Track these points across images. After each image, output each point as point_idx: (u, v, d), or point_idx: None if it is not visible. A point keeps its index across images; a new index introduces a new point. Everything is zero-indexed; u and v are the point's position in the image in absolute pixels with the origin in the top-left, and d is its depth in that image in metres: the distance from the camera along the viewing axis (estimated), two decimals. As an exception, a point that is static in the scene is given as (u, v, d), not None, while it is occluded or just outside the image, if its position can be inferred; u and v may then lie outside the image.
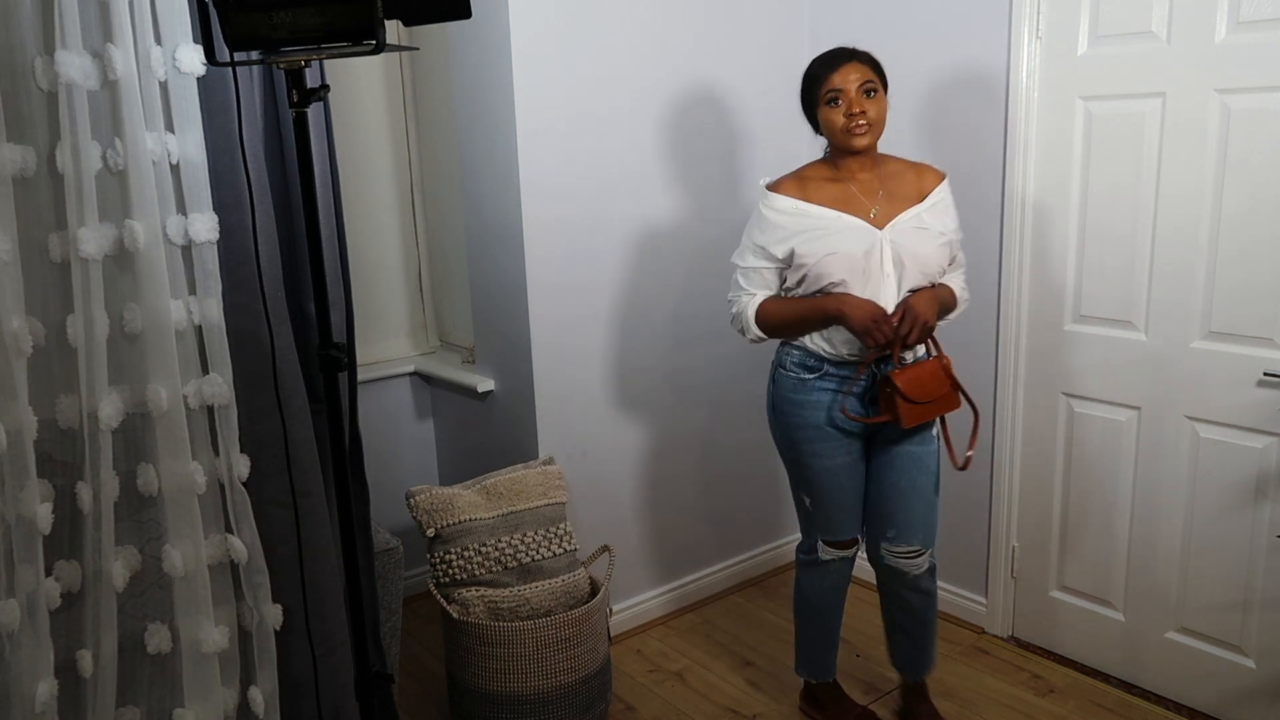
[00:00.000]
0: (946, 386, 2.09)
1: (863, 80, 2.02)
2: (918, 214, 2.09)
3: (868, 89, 2.03)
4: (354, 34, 1.37)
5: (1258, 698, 2.36)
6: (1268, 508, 2.28)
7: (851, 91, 2.02)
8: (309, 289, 1.97)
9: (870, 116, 2.03)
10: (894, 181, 2.13)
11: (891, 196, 2.11)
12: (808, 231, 2.06)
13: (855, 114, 2.01)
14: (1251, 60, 2.16)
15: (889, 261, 2.06)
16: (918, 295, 2.06)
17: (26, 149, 1.63)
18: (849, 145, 2.05)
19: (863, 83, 2.02)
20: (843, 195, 2.10)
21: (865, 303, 2.02)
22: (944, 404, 2.10)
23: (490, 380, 2.89)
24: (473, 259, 2.87)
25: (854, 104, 2.02)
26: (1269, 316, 2.21)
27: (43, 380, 1.71)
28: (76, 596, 1.77)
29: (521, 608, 2.36)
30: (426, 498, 2.40)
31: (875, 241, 2.06)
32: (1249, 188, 2.20)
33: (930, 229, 2.08)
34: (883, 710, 2.55)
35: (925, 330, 2.03)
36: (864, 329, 2.00)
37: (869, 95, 2.03)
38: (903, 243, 2.06)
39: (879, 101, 2.05)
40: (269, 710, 1.98)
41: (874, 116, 2.03)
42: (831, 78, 2.03)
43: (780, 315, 2.14)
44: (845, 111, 2.02)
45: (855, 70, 2.03)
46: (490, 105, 2.63)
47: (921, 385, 2.05)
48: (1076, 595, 2.71)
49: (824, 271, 2.04)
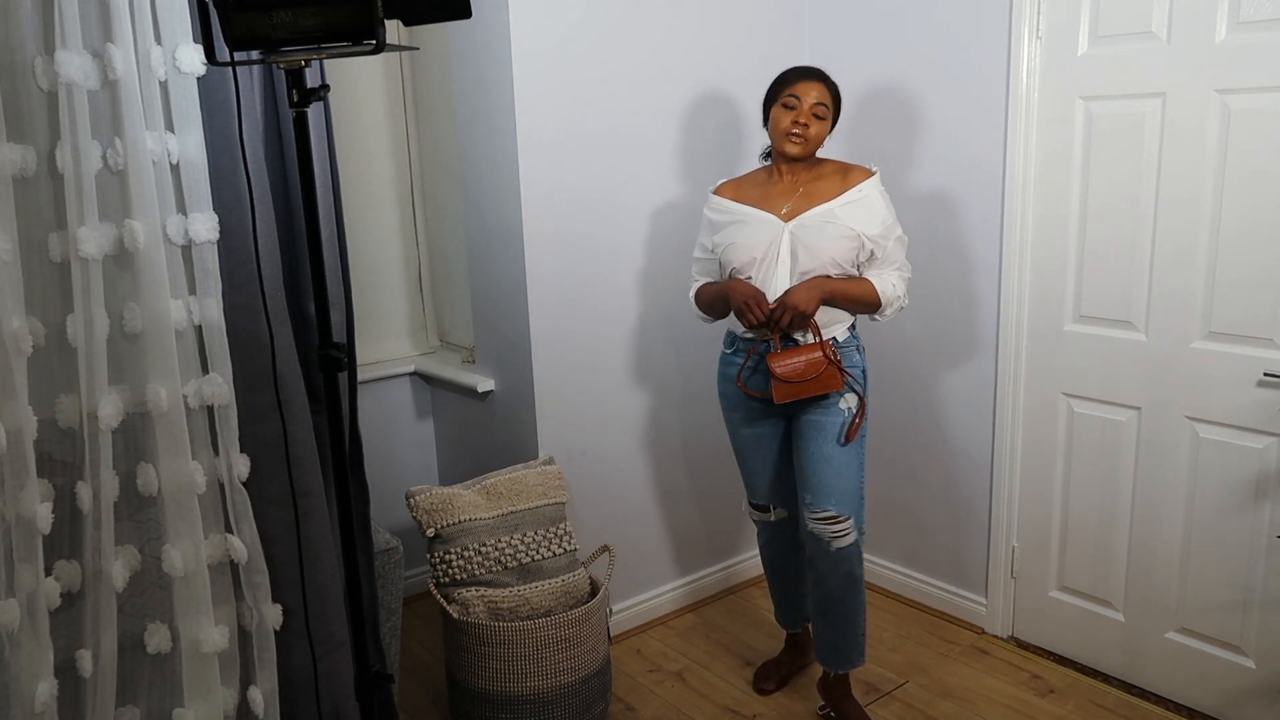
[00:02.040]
0: (822, 368, 2.20)
1: (819, 101, 2.22)
2: (829, 209, 2.23)
3: (819, 111, 2.22)
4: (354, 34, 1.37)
5: (1258, 698, 2.36)
6: (1268, 508, 2.28)
7: (805, 105, 2.21)
8: (309, 289, 1.96)
9: (809, 133, 2.22)
10: (819, 183, 2.29)
11: (810, 195, 2.27)
12: (726, 226, 2.32)
13: (798, 123, 2.21)
14: (1251, 60, 2.16)
15: (785, 252, 2.23)
16: (801, 283, 2.20)
17: (26, 149, 1.63)
18: (782, 147, 2.25)
19: (818, 103, 2.22)
20: (765, 194, 2.31)
21: (746, 286, 2.23)
22: (819, 384, 2.21)
23: (490, 380, 2.89)
24: (473, 259, 2.87)
25: (802, 115, 2.21)
26: (1269, 317, 2.21)
27: (43, 380, 1.71)
28: (76, 596, 1.77)
29: (521, 608, 2.36)
30: (426, 498, 2.40)
31: (776, 234, 2.24)
32: (1249, 188, 2.20)
33: (837, 224, 2.21)
34: (883, 710, 2.55)
35: (797, 315, 2.17)
36: (737, 308, 2.22)
37: (818, 116, 2.23)
38: (802, 235, 2.22)
39: (823, 126, 2.25)
40: (269, 710, 1.98)
41: (813, 134, 2.23)
42: (797, 85, 2.23)
43: (705, 296, 2.41)
44: (792, 118, 2.21)
45: (817, 90, 2.23)
46: (490, 105, 2.63)
47: (794, 366, 2.19)
48: (1076, 595, 2.71)
49: (727, 259, 2.29)
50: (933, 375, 2.92)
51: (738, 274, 2.28)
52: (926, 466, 3.00)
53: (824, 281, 2.21)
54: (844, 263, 2.22)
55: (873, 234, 2.22)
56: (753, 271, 2.26)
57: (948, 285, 2.83)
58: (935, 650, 2.84)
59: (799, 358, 2.20)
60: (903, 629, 2.96)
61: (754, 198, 2.32)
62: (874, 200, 2.25)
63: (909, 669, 2.74)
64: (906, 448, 3.04)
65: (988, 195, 2.68)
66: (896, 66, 2.86)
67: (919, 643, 2.88)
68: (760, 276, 2.25)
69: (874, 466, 3.11)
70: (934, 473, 2.98)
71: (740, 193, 2.36)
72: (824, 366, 2.20)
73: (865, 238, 2.21)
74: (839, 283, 2.23)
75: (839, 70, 2.99)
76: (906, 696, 2.61)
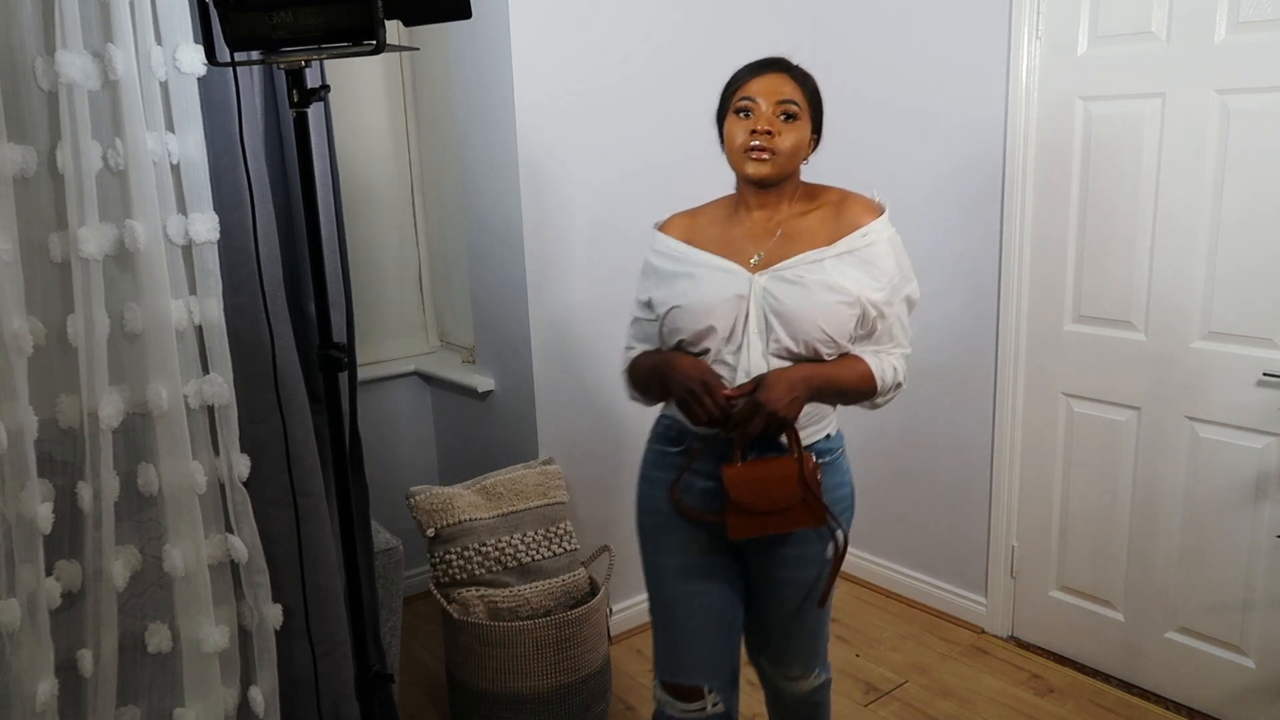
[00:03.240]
0: (797, 496, 1.57)
1: (784, 98, 1.59)
2: (818, 260, 1.59)
3: (787, 111, 1.59)
4: (354, 34, 1.37)
5: (1258, 698, 2.36)
6: (1267, 508, 2.28)
7: (764, 107, 1.58)
8: (309, 289, 1.96)
9: (779, 144, 1.58)
10: (803, 220, 1.66)
11: (792, 237, 1.63)
12: (674, 278, 1.67)
13: (759, 132, 1.58)
14: (1251, 60, 2.16)
15: (754, 319, 1.59)
16: (780, 373, 1.55)
17: (27, 149, 1.63)
18: (741, 170, 1.63)
19: (782, 100, 1.59)
20: (726, 236, 1.67)
21: (694, 365, 1.58)
22: (791, 518, 1.59)
23: (490, 380, 2.89)
24: (473, 259, 2.87)
25: (762, 120, 1.58)
26: (1269, 316, 2.21)
27: (43, 380, 1.71)
28: (77, 596, 1.77)
29: (521, 608, 2.37)
30: (426, 498, 2.40)
31: (741, 293, 1.59)
32: (1249, 188, 2.20)
33: (822, 281, 1.57)
34: (882, 710, 2.55)
35: (775, 423, 1.53)
36: (680, 397, 1.56)
37: (786, 119, 1.59)
38: (779, 297, 1.57)
39: (797, 130, 1.60)
40: (269, 710, 1.98)
41: (784, 145, 1.59)
42: (750, 84, 1.61)
43: (636, 372, 1.74)
44: (750, 127, 1.59)
45: (780, 84, 1.60)
46: (490, 105, 2.63)
47: (759, 489, 1.56)
48: (1076, 595, 2.71)
49: (673, 325, 1.63)
50: (933, 375, 2.92)
51: (687, 347, 1.63)
52: (926, 466, 3.00)
53: (812, 371, 1.58)
54: (837, 336, 1.58)
55: (876, 298, 1.59)
56: (710, 344, 1.61)
57: (948, 285, 2.83)
58: (935, 650, 2.84)
59: (768, 477, 1.57)
60: (902, 629, 2.96)
61: (713, 240, 1.68)
62: (881, 249, 1.61)
63: (909, 669, 2.74)
64: (906, 447, 3.04)
65: (988, 195, 2.68)
66: (897, 66, 2.86)
67: (919, 642, 2.88)
68: (719, 352, 1.61)
69: (874, 466, 3.11)
70: (934, 472, 2.98)
71: (695, 232, 1.71)
72: (800, 493, 1.57)
73: (868, 304, 1.59)
74: (830, 369, 1.60)
75: (839, 70, 3.01)
76: (906, 696, 2.61)
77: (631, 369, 1.76)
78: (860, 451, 3.13)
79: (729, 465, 1.57)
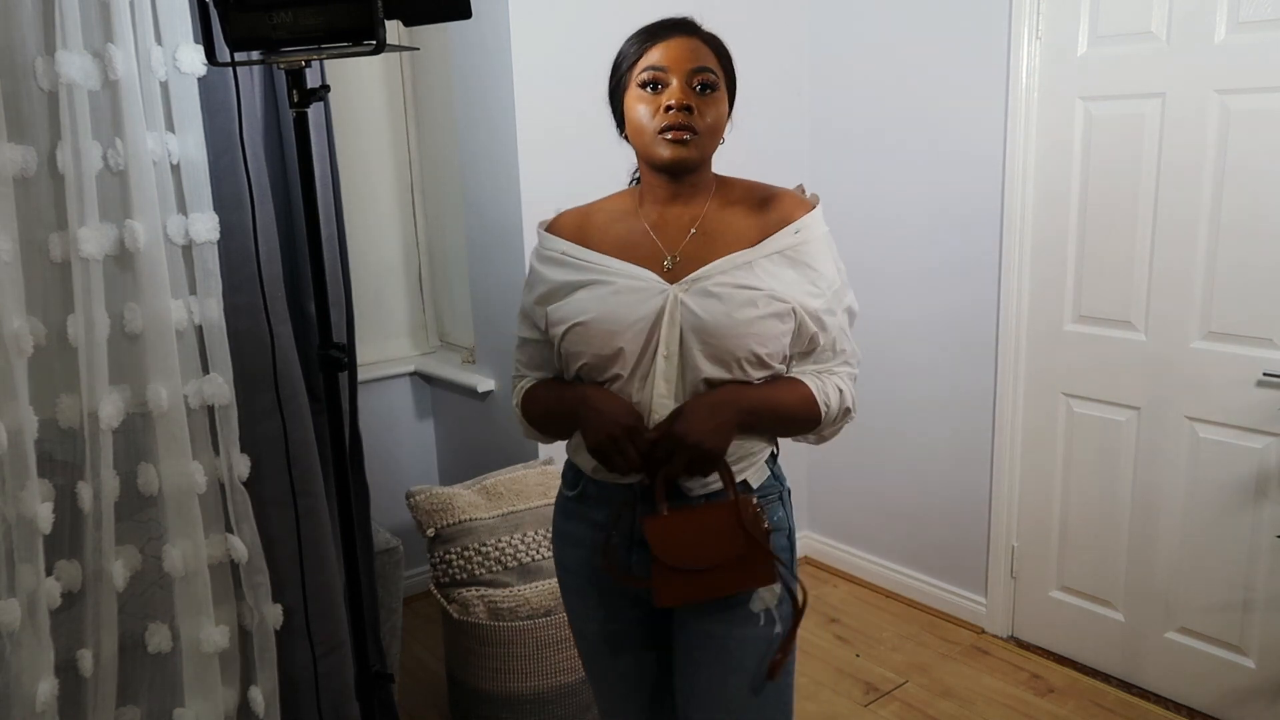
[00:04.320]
0: (737, 548, 1.30)
1: (698, 66, 1.32)
2: (742, 263, 1.33)
3: (704, 81, 1.32)
4: (354, 34, 1.37)
5: (1258, 698, 2.36)
6: (1267, 508, 2.28)
7: (678, 78, 1.31)
8: (309, 289, 1.97)
9: (701, 122, 1.32)
10: (723, 216, 1.39)
11: (712, 236, 1.37)
12: (570, 289, 1.38)
13: (676, 108, 1.30)
14: (1251, 60, 2.16)
15: (671, 337, 1.32)
16: (700, 399, 1.31)
17: (27, 149, 1.63)
18: (658, 155, 1.33)
19: (697, 69, 1.32)
20: (632, 236, 1.40)
21: (612, 405, 1.31)
22: (735, 576, 1.31)
23: (490, 380, 2.89)
24: (473, 259, 2.87)
25: (677, 95, 1.30)
26: (1268, 317, 2.21)
27: (43, 380, 1.72)
28: (77, 596, 1.77)
29: (521, 608, 2.36)
30: (426, 498, 2.40)
31: (656, 307, 1.32)
32: (1249, 188, 2.20)
33: (750, 288, 1.31)
34: (882, 710, 2.55)
35: (700, 457, 1.28)
36: (597, 445, 1.29)
37: (704, 91, 1.33)
38: (696, 309, 1.31)
39: (716, 104, 1.34)
40: (269, 710, 1.98)
41: (706, 123, 1.33)
42: (651, 52, 1.33)
43: (535, 407, 1.48)
44: (662, 103, 1.31)
45: (689, 48, 1.33)
46: (490, 105, 2.63)
47: (687, 543, 1.30)
48: (1076, 595, 2.71)
49: (573, 347, 1.36)
50: (932, 375, 2.92)
51: (589, 375, 1.36)
52: (926, 466, 3.00)
53: (738, 394, 1.31)
54: (771, 356, 1.32)
55: (815, 306, 1.34)
56: (620, 370, 1.33)
57: (948, 285, 2.83)
58: (935, 650, 2.84)
59: (701, 527, 1.31)
60: (902, 629, 2.96)
61: (611, 241, 1.40)
62: (817, 248, 1.36)
63: (909, 669, 2.74)
64: (906, 447, 3.04)
65: (988, 195, 2.68)
66: (896, 66, 2.86)
67: (919, 642, 2.88)
68: (629, 379, 1.33)
69: (874, 466, 3.11)
70: (934, 472, 2.98)
71: (591, 233, 1.43)
72: (741, 544, 1.29)
73: (805, 314, 1.33)
74: (763, 390, 1.34)
75: (839, 70, 3.01)
76: (906, 696, 2.61)
77: (527, 403, 1.48)
78: (860, 451, 3.14)
79: (650, 518, 1.30)
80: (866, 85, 2.94)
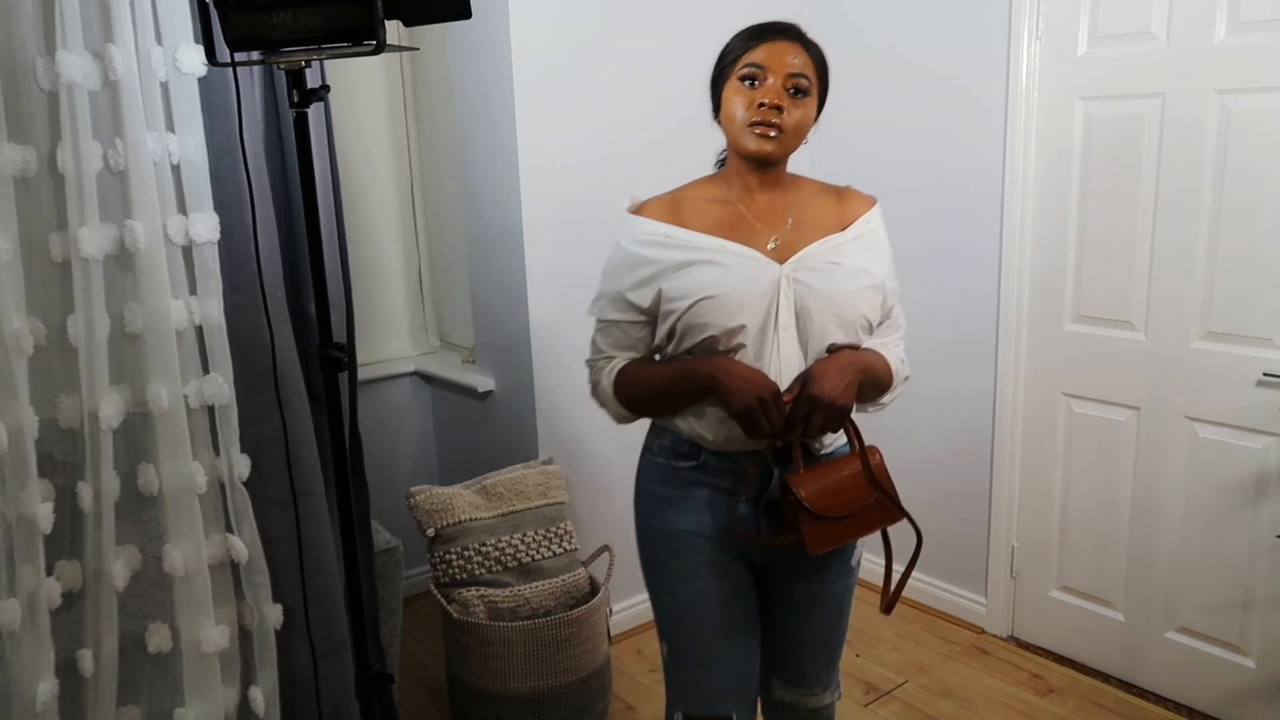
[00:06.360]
0: (871, 495, 1.46)
1: (795, 70, 1.45)
2: (835, 245, 1.50)
3: (798, 85, 1.45)
4: (354, 34, 1.37)
5: (1258, 698, 2.36)
6: (1267, 508, 2.28)
7: (775, 79, 1.44)
8: (309, 289, 1.97)
9: (787, 120, 1.45)
10: (805, 207, 1.55)
11: (801, 224, 1.52)
12: (684, 266, 1.47)
13: (768, 106, 1.43)
14: (1251, 61, 2.16)
15: (787, 310, 1.46)
16: (827, 362, 1.45)
17: (27, 149, 1.63)
18: (744, 146, 1.47)
19: (794, 73, 1.45)
20: (731, 219, 1.52)
21: (750, 373, 1.42)
22: (869, 520, 1.47)
23: (490, 380, 2.89)
24: (473, 259, 2.87)
25: (770, 92, 1.44)
26: (1268, 316, 2.21)
27: (43, 380, 1.72)
28: (77, 596, 1.77)
29: (521, 608, 2.37)
30: (426, 498, 2.40)
31: (772, 281, 1.46)
32: (1249, 188, 2.20)
33: (849, 266, 1.49)
34: (882, 710, 2.55)
35: (835, 414, 1.42)
36: (744, 412, 1.40)
37: (796, 94, 1.46)
38: (811, 283, 1.46)
39: (805, 107, 1.47)
40: (269, 710, 1.98)
41: (790, 122, 1.45)
42: (759, 49, 1.46)
43: (645, 385, 1.55)
44: (756, 99, 1.44)
45: (791, 52, 1.46)
46: (490, 105, 2.63)
47: (836, 494, 1.44)
48: (1076, 595, 2.72)
49: (697, 320, 1.45)
50: (933, 375, 2.92)
51: (717, 346, 1.46)
52: (926, 466, 3.00)
53: (855, 357, 1.48)
54: (873, 323, 1.53)
55: (890, 284, 1.56)
56: (745, 341, 1.45)
57: (948, 285, 2.83)
58: (935, 650, 2.84)
59: (839, 478, 1.45)
60: (902, 628, 2.96)
61: (710, 223, 1.51)
62: (881, 237, 1.58)
63: (909, 668, 2.74)
64: (906, 447, 3.04)
65: (988, 195, 2.68)
66: (896, 65, 2.86)
67: (919, 642, 2.88)
68: (756, 350, 1.46)
69: (874, 466, 3.11)
70: (934, 472, 2.98)
71: (681, 216, 1.53)
72: (871, 490, 1.46)
73: (887, 288, 1.55)
74: (867, 356, 1.51)
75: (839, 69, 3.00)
76: (906, 696, 2.61)
77: (624, 381, 1.56)
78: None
79: (795, 474, 1.43)
80: (866, 84, 2.94)
